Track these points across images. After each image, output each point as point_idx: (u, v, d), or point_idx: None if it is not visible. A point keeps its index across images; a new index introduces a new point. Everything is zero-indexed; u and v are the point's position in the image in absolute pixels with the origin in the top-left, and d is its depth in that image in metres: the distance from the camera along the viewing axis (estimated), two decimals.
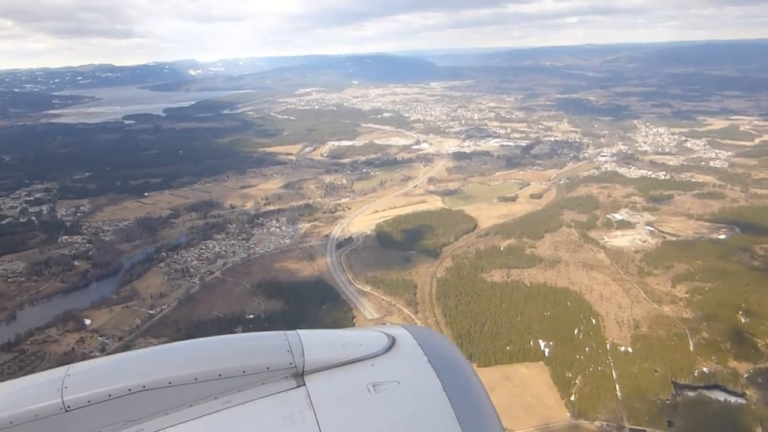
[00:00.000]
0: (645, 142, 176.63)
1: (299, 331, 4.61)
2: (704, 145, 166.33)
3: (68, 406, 3.84)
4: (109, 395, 3.91)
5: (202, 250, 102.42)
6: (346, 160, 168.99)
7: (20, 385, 4.29)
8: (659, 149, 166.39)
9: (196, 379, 4.03)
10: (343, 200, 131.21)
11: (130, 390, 3.92)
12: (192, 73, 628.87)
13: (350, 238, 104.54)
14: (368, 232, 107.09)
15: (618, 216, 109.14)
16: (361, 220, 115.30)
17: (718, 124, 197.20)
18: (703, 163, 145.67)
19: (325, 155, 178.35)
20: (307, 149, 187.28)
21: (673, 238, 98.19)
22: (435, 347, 4.48)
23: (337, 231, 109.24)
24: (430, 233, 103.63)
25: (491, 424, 3.99)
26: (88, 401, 3.87)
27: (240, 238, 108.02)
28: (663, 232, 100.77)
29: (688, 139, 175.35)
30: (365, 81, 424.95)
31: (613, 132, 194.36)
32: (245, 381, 4.09)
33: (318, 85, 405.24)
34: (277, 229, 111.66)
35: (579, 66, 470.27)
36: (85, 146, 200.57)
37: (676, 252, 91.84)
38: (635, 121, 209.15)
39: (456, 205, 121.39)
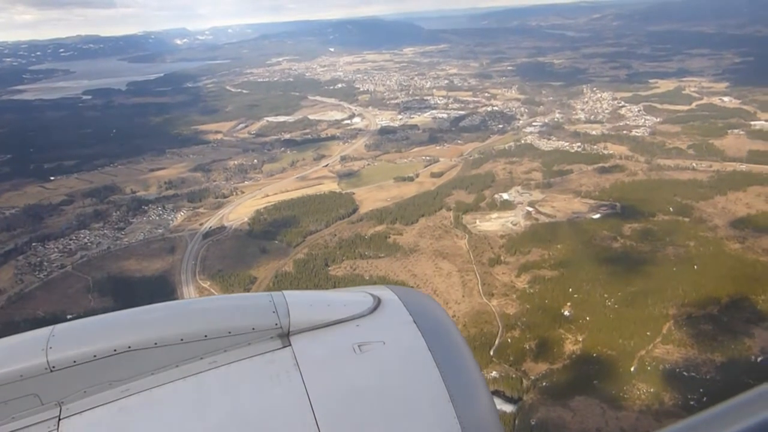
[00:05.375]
0: (583, 110, 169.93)
1: (284, 292, 4.58)
2: (638, 111, 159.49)
3: (53, 366, 3.79)
4: (95, 355, 3.84)
5: (71, 241, 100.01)
6: (269, 138, 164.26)
7: (3, 345, 4.14)
8: (593, 117, 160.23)
9: (182, 339, 3.97)
10: (245, 183, 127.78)
11: (115, 350, 3.88)
12: (178, 42, 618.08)
13: (222, 227, 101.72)
14: (245, 219, 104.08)
15: (505, 196, 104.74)
16: (246, 206, 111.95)
17: (665, 86, 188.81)
18: (625, 132, 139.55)
19: (253, 133, 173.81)
20: (240, 126, 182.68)
21: (547, 220, 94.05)
22: (420, 307, 4.46)
23: (215, 219, 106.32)
24: (303, 220, 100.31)
25: (475, 382, 4.00)
26: (74, 361, 3.82)
27: (116, 227, 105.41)
28: (540, 213, 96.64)
29: (626, 104, 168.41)
30: (342, 48, 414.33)
31: (557, 99, 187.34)
32: (231, 341, 4.03)
33: (293, 53, 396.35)
34: (158, 217, 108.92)
35: (563, 25, 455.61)
36: (24, 125, 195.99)
37: (542, 235, 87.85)
38: (584, 86, 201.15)
39: (350, 188, 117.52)
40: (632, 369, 57.01)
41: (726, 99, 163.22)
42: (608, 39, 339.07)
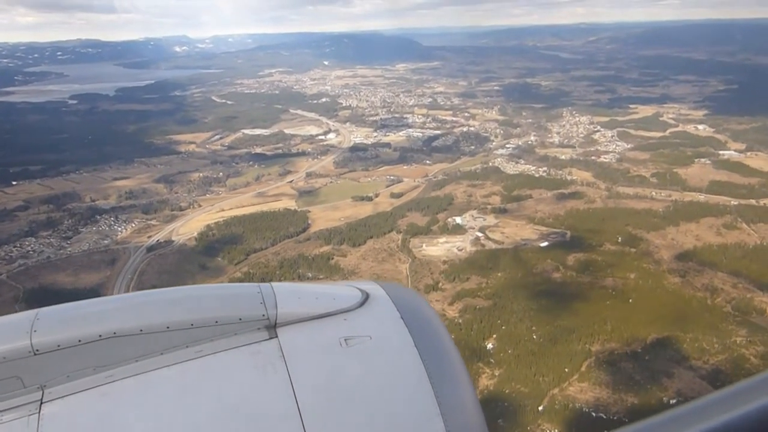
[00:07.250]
0: (558, 133, 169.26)
1: (273, 283, 4.48)
2: (612, 136, 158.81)
3: (37, 350, 3.64)
4: (79, 340, 3.70)
5: (14, 248, 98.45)
6: (240, 151, 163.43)
7: None
8: (566, 141, 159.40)
9: (167, 327, 3.86)
10: (206, 196, 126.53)
11: (100, 336, 3.75)
12: (177, 50, 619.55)
13: (170, 241, 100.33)
14: (194, 234, 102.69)
15: (458, 220, 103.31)
16: (199, 220, 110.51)
17: (644, 112, 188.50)
18: (593, 157, 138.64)
19: (226, 145, 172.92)
20: (215, 137, 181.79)
21: (494, 246, 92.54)
22: (407, 303, 4.40)
23: (165, 232, 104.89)
24: (250, 237, 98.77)
25: (460, 378, 3.95)
26: (58, 345, 3.68)
27: (63, 236, 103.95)
28: (489, 239, 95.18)
29: (602, 129, 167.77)
30: (336, 61, 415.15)
31: (535, 121, 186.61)
32: (217, 331, 3.94)
33: (287, 65, 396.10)
34: (108, 228, 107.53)
35: (559, 47, 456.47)
36: (1, 128, 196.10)
37: (484, 263, 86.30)
38: (564, 110, 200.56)
39: (306, 205, 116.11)
40: (540, 408, 55.26)
41: (701, 127, 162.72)
42: (599, 62, 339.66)
